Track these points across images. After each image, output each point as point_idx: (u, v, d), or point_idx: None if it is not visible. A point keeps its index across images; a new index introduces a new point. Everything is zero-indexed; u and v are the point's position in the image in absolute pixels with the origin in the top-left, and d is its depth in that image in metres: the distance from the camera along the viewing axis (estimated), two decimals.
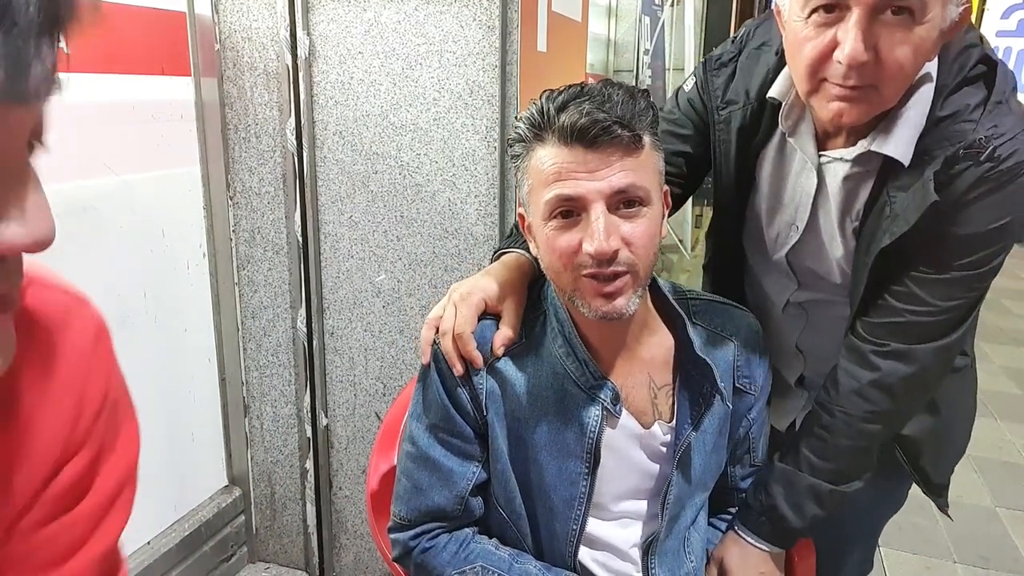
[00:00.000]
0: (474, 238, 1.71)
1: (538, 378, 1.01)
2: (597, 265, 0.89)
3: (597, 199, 0.88)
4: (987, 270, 1.02)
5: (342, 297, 1.87)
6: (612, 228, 0.88)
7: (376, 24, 1.65)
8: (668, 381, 1.04)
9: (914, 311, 1.03)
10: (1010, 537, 2.56)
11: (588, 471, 1.01)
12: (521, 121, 0.94)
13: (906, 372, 1.05)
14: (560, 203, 0.89)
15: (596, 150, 0.87)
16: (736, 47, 1.19)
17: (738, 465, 1.16)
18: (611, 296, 0.91)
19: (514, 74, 1.60)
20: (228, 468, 2.07)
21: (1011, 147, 0.94)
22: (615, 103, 0.88)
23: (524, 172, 0.95)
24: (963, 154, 0.95)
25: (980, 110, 0.96)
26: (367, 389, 1.92)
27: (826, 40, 0.92)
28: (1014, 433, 3.34)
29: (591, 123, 0.86)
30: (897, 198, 0.99)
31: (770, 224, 1.19)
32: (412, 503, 1.05)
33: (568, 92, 0.90)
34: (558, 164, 0.89)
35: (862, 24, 0.88)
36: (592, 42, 3.41)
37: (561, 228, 0.91)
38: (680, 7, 4.34)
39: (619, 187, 0.88)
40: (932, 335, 1.04)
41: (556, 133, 0.89)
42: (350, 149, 1.75)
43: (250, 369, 2.00)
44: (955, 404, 1.22)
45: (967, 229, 0.98)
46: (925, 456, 1.22)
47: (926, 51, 0.92)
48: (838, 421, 1.09)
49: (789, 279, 1.20)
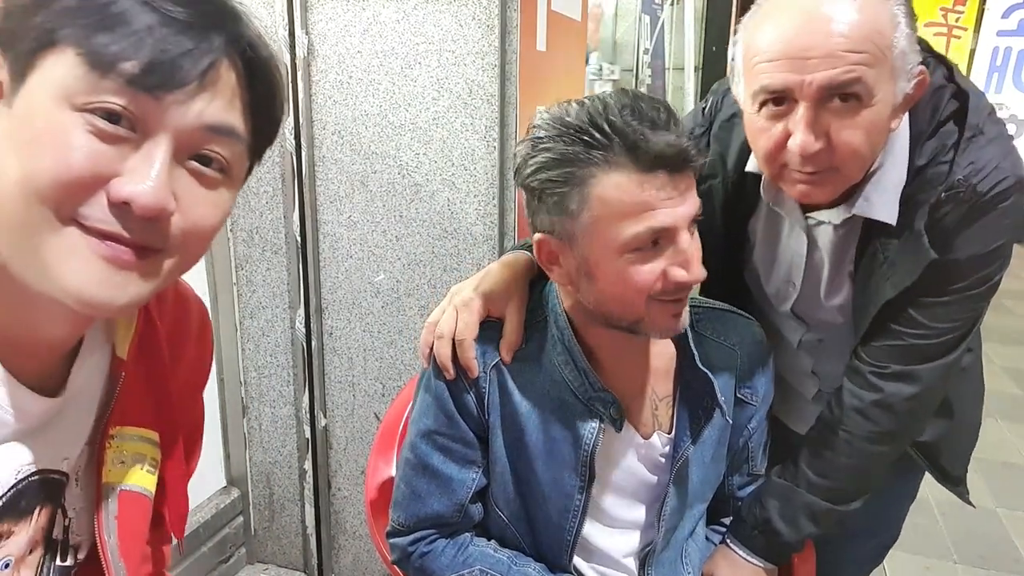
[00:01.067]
0: (473, 238, 1.70)
1: (536, 385, 1.00)
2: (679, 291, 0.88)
3: (684, 226, 0.86)
4: (985, 289, 1.02)
5: (341, 297, 1.86)
6: (697, 252, 0.89)
7: (375, 23, 1.64)
8: (669, 392, 1.03)
9: (915, 334, 1.04)
10: (1010, 537, 2.55)
11: (583, 484, 1.00)
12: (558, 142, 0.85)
13: (909, 392, 1.05)
14: (653, 234, 0.85)
15: (676, 176, 0.84)
16: (706, 119, 1.19)
17: (736, 474, 1.15)
18: (679, 315, 0.91)
19: (513, 73, 1.60)
20: (226, 469, 2.07)
21: (992, 180, 0.95)
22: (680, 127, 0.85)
23: (580, 201, 0.85)
24: (945, 197, 0.96)
25: (954, 150, 0.96)
26: (366, 389, 1.91)
27: (779, 131, 0.93)
28: (1015, 433, 3.33)
29: (678, 152, 0.83)
30: (888, 245, 1.00)
31: (767, 282, 1.20)
32: (411, 510, 1.04)
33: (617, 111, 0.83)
34: (644, 194, 0.83)
35: (808, 116, 0.90)
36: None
37: (643, 260, 0.86)
38: (680, 6, 4.33)
39: (696, 211, 0.88)
40: (934, 355, 1.04)
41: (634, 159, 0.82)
42: (349, 148, 1.74)
43: (248, 369, 1.99)
44: (966, 400, 1.22)
45: (959, 255, 0.98)
46: (944, 455, 1.22)
47: (880, 129, 0.93)
48: (840, 440, 1.08)
49: (798, 324, 1.20)
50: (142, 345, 0.70)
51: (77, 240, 0.52)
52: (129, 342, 0.68)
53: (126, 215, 0.52)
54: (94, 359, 0.68)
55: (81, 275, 0.53)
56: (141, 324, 0.69)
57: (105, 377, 0.69)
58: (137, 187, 0.52)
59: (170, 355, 0.74)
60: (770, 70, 0.90)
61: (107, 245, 0.53)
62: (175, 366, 0.75)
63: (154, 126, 0.53)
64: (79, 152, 0.51)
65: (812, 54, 0.87)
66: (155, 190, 0.52)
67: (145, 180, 0.52)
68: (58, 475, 0.66)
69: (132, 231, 0.53)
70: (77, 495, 0.69)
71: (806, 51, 0.87)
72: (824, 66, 0.87)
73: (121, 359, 0.68)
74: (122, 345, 0.68)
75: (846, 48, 0.86)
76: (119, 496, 0.70)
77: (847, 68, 0.87)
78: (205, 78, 0.54)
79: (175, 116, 0.53)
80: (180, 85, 0.53)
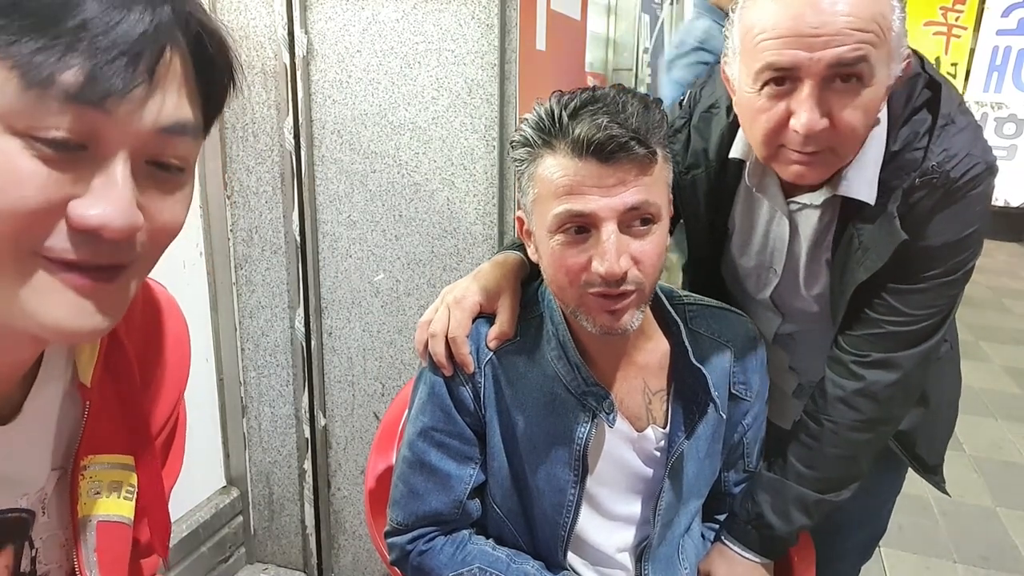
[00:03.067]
0: (473, 237, 1.70)
1: (530, 380, 1.00)
2: (606, 285, 0.86)
3: (610, 217, 0.85)
4: (959, 276, 1.04)
5: (340, 297, 1.86)
6: (623, 247, 0.85)
7: (374, 22, 1.64)
8: (663, 387, 1.03)
9: (892, 321, 1.06)
10: (1010, 537, 2.55)
11: (576, 479, 1.00)
12: (527, 124, 0.90)
13: (890, 379, 1.07)
14: (570, 219, 0.86)
15: (611, 165, 0.84)
16: (685, 111, 1.20)
17: (732, 470, 1.15)
18: (617, 313, 0.89)
19: (513, 73, 1.59)
20: (226, 469, 2.07)
21: (964, 166, 0.97)
22: (630, 114, 0.84)
23: (530, 179, 0.91)
24: (919, 183, 0.98)
25: (928, 137, 0.99)
26: (365, 389, 1.91)
27: (780, 111, 0.94)
28: (1014, 433, 3.33)
29: (607, 138, 0.82)
30: (864, 230, 1.02)
31: (746, 268, 1.21)
32: (409, 508, 1.04)
33: (580, 98, 0.86)
34: (569, 177, 0.85)
35: (814, 95, 0.91)
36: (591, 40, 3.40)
37: (569, 244, 0.88)
38: (679, 5, 4.33)
39: (632, 204, 0.85)
40: (912, 342, 1.06)
41: (569, 143, 0.85)
42: (348, 148, 1.74)
43: (248, 369, 1.99)
44: (943, 390, 1.25)
45: (933, 241, 1.01)
46: (920, 444, 1.25)
47: (875, 109, 0.95)
48: (825, 430, 1.10)
49: (774, 314, 1.22)
50: (108, 368, 0.65)
51: (43, 276, 0.48)
52: (93, 367, 0.63)
53: (93, 239, 0.48)
54: (53, 385, 0.63)
55: (56, 310, 0.49)
56: (105, 347, 0.65)
57: (68, 404, 0.64)
58: (104, 211, 0.47)
59: (142, 372, 0.70)
60: (777, 47, 0.90)
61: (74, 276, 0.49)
62: (148, 381, 0.72)
63: (108, 141, 0.47)
64: (29, 183, 0.45)
65: (821, 31, 0.87)
66: (123, 212, 0.48)
67: (110, 203, 0.47)
68: (21, 513, 0.62)
69: (100, 254, 0.49)
70: (44, 524, 0.65)
71: (816, 28, 0.88)
72: (833, 43, 0.88)
73: (85, 386, 0.63)
74: (85, 371, 0.63)
75: (854, 27, 0.87)
76: (97, 528, 0.65)
77: (854, 46, 0.88)
78: (155, 73, 0.48)
79: (129, 125, 0.48)
80: (129, 89, 0.46)
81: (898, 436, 1.21)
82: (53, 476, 0.64)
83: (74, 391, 0.64)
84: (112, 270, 0.51)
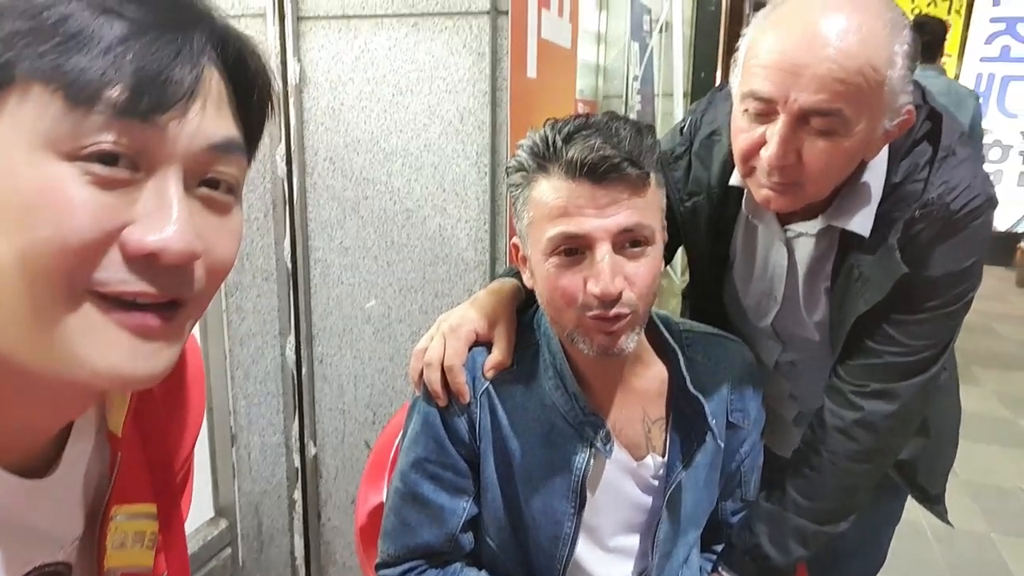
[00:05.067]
0: (465, 264, 1.70)
1: (527, 410, 0.99)
2: (602, 306, 0.86)
3: (604, 238, 0.85)
4: (959, 307, 1.04)
5: (332, 324, 1.85)
6: (617, 268, 0.86)
7: (367, 51, 1.65)
8: (662, 415, 1.03)
9: (892, 352, 1.05)
10: (1005, 563, 2.54)
11: (574, 511, 0.98)
12: (522, 150, 0.91)
13: (889, 410, 1.06)
14: (565, 240, 0.86)
15: (604, 186, 0.85)
16: (686, 139, 1.21)
17: (729, 499, 1.14)
18: (614, 335, 0.89)
19: (504, 100, 1.60)
20: (214, 499, 2.03)
21: (964, 198, 0.97)
22: (623, 138, 0.85)
23: (524, 203, 0.91)
24: (919, 215, 0.98)
25: (928, 168, 0.99)
26: (356, 417, 1.89)
27: (756, 135, 0.95)
28: (1007, 457, 3.33)
29: (601, 159, 0.83)
30: (864, 261, 1.02)
31: (747, 295, 1.21)
32: (400, 541, 1.02)
33: (574, 123, 0.88)
34: (563, 199, 0.86)
35: (784, 132, 0.91)
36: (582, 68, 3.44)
37: (563, 266, 0.88)
38: (668, 34, 4.39)
39: (626, 226, 0.85)
40: (911, 372, 1.06)
41: (562, 166, 0.86)
42: (340, 175, 1.74)
43: (238, 398, 1.97)
44: (942, 419, 1.24)
45: (935, 272, 1.00)
46: (921, 474, 1.23)
47: (851, 160, 0.95)
48: (824, 461, 1.09)
49: (775, 342, 1.22)
50: (137, 416, 0.63)
51: (96, 315, 0.45)
52: (124, 416, 0.61)
53: (150, 268, 0.45)
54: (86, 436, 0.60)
55: (110, 354, 0.45)
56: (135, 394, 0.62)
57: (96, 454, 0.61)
58: (161, 235, 0.44)
59: (165, 417, 0.67)
60: (762, 76, 0.91)
61: (130, 315, 0.46)
62: (171, 425, 0.69)
63: (158, 158, 0.45)
64: (82, 210, 0.42)
65: (803, 73, 0.88)
66: (181, 233, 0.45)
67: (167, 224, 0.45)
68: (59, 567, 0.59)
69: (159, 284, 0.46)
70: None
71: (798, 67, 0.88)
72: (811, 88, 0.88)
73: (116, 435, 0.61)
74: (116, 420, 0.61)
75: (836, 76, 0.87)
76: None
77: (830, 97, 0.88)
78: (196, 87, 0.46)
79: (178, 141, 0.46)
80: (175, 101, 0.45)
81: (899, 466, 1.20)
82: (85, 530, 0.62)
83: (103, 441, 0.61)
84: (170, 307, 0.48)
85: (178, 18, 0.47)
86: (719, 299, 1.26)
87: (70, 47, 0.42)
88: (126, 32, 0.44)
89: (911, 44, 0.90)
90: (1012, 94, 6.63)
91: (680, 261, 5.35)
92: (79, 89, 0.42)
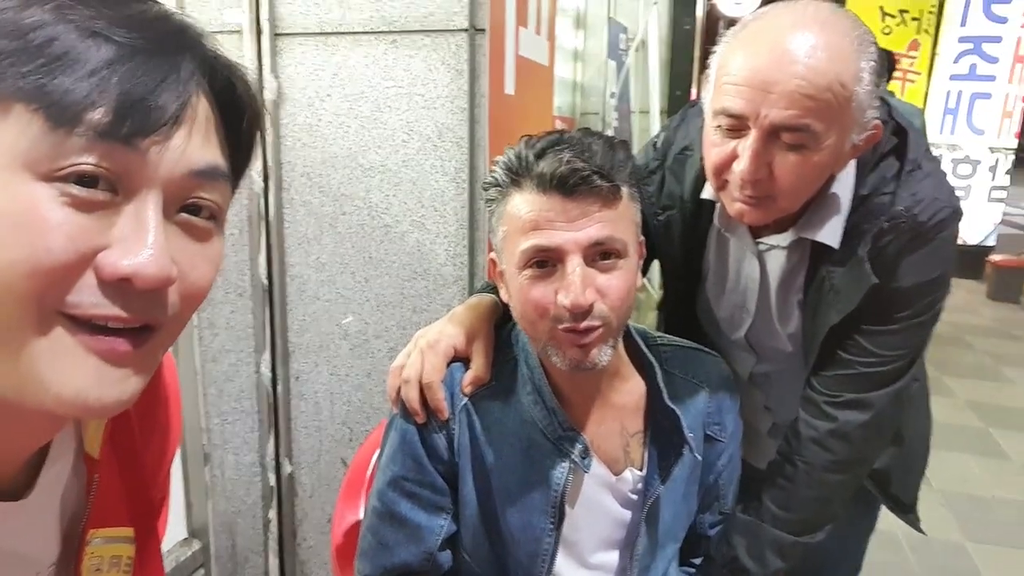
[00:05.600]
0: (443, 279, 1.69)
1: (506, 425, 0.99)
2: (573, 319, 0.86)
3: (574, 250, 0.86)
4: (929, 317, 1.06)
5: (308, 340, 1.83)
6: (588, 280, 0.86)
7: (344, 67, 1.65)
8: (640, 428, 1.03)
9: (864, 362, 1.07)
10: (979, 572, 2.56)
11: (553, 527, 0.98)
12: (498, 166, 0.92)
13: (863, 419, 1.08)
14: (536, 253, 0.87)
15: (574, 199, 0.86)
16: (660, 153, 1.23)
17: (707, 512, 1.14)
18: (586, 348, 0.89)
19: (482, 117, 1.61)
20: (188, 520, 1.99)
21: (931, 210, 1.00)
22: (594, 152, 0.86)
23: (499, 218, 0.92)
24: (887, 227, 1.01)
25: (895, 182, 1.01)
26: (333, 435, 1.87)
27: (727, 150, 0.96)
28: (980, 467, 3.37)
29: (570, 172, 0.84)
30: (835, 273, 1.04)
31: (720, 308, 1.23)
32: (377, 560, 1.01)
33: (547, 139, 0.89)
34: (535, 212, 0.87)
35: (755, 147, 0.93)
36: (559, 85, 3.46)
37: (536, 278, 0.88)
38: (644, 52, 4.44)
39: (597, 239, 0.86)
40: (883, 382, 1.08)
41: (534, 180, 0.87)
42: (318, 191, 1.73)
43: (211, 416, 1.94)
44: (914, 428, 1.27)
45: (903, 284, 1.02)
46: (895, 483, 1.25)
47: (821, 173, 0.97)
48: (799, 471, 1.10)
49: (749, 354, 1.23)
50: (114, 437, 0.62)
51: (65, 339, 0.44)
52: (101, 438, 0.60)
53: (123, 292, 0.45)
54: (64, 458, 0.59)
55: (77, 379, 0.45)
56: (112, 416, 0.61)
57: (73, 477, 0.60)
58: (137, 259, 0.44)
59: (142, 439, 0.66)
60: (733, 93, 0.93)
61: (99, 339, 0.45)
62: (147, 446, 0.68)
63: (138, 182, 0.45)
64: (58, 232, 0.42)
65: (773, 89, 0.89)
66: (157, 258, 0.45)
67: (142, 249, 0.44)
68: None
69: (131, 308, 0.45)
70: None
71: (768, 85, 0.90)
72: (781, 104, 0.89)
73: (93, 458, 0.60)
74: (93, 443, 0.60)
75: (804, 92, 0.88)
76: None
77: (800, 113, 0.89)
78: (182, 113, 0.46)
79: (160, 166, 0.45)
80: (159, 126, 0.45)
81: (873, 475, 1.22)
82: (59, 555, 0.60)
83: (79, 463, 0.60)
84: (142, 332, 0.47)
85: (167, 44, 0.46)
86: (693, 312, 1.27)
87: (55, 68, 0.42)
88: (113, 56, 0.43)
89: (877, 61, 0.92)
90: (979, 111, 6.78)
91: (659, 275, 5.39)
92: (61, 110, 0.42)
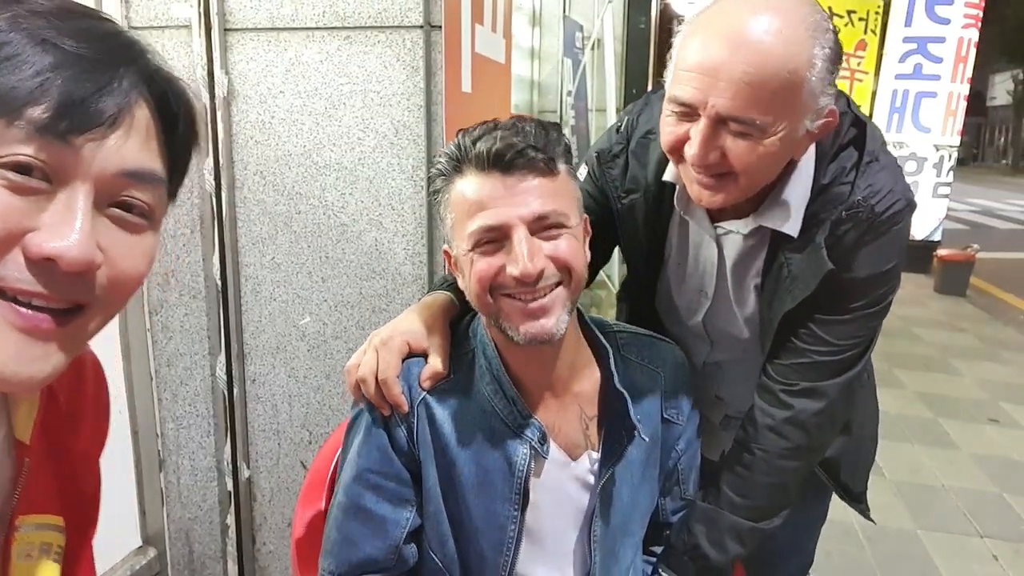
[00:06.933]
0: (402, 278, 1.68)
1: (466, 416, 1.00)
2: (522, 286, 0.89)
3: (518, 224, 0.89)
4: (881, 308, 1.09)
5: (264, 342, 1.80)
6: (535, 250, 0.89)
7: (297, 63, 1.62)
8: (596, 413, 1.05)
9: (818, 351, 1.09)
10: (931, 559, 2.64)
11: (517, 513, 0.99)
12: (440, 158, 0.95)
13: (816, 407, 1.11)
14: (484, 233, 0.90)
15: (513, 174, 0.89)
16: (623, 137, 1.23)
17: (668, 497, 1.16)
18: (537, 315, 0.90)
19: (439, 114, 1.60)
20: (142, 527, 1.95)
21: (887, 201, 1.02)
22: (528, 132, 0.90)
23: (446, 206, 0.95)
24: (845, 215, 1.03)
25: (854, 172, 1.03)
26: (292, 438, 1.84)
27: (680, 131, 0.98)
28: (930, 456, 3.47)
29: (506, 147, 0.88)
30: (793, 259, 1.06)
31: (680, 294, 1.24)
32: (342, 556, 1.00)
33: (483, 126, 0.92)
34: (478, 193, 0.90)
35: (705, 133, 0.94)
36: (516, 83, 3.46)
37: (485, 254, 0.91)
38: (600, 50, 4.47)
39: (540, 212, 0.89)
40: (837, 371, 1.10)
41: (473, 162, 0.90)
42: (272, 189, 1.70)
43: (166, 420, 1.90)
44: (863, 418, 1.30)
45: (859, 274, 1.05)
46: (844, 471, 1.29)
47: (775, 159, 0.98)
48: (757, 459, 1.12)
49: (703, 341, 1.25)
50: (45, 424, 0.63)
51: None
52: (32, 423, 0.61)
53: (48, 272, 0.48)
54: None
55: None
56: (44, 401, 0.63)
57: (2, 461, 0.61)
58: (62, 242, 0.47)
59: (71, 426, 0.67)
60: (684, 80, 0.94)
61: (23, 314, 0.48)
62: (75, 438, 0.69)
63: (71, 174, 0.49)
64: None
65: (720, 76, 0.90)
66: (80, 244, 0.48)
67: (69, 234, 0.48)
68: None
69: (55, 288, 0.49)
70: None
71: (716, 72, 0.91)
72: (727, 94, 0.90)
73: (23, 443, 0.61)
74: (24, 428, 0.61)
75: (750, 80, 0.89)
76: None
77: (743, 105, 0.90)
78: (120, 117, 0.50)
79: (92, 162, 0.49)
80: (94, 126, 0.49)
81: (824, 464, 1.24)
82: None
83: (8, 447, 0.61)
84: (68, 312, 0.50)
85: (113, 55, 0.51)
86: (652, 300, 1.28)
87: (3, 68, 0.47)
88: (59, 61, 0.48)
89: (832, 47, 0.93)
90: (925, 109, 6.98)
91: (617, 271, 5.44)
92: (4, 103, 0.46)
